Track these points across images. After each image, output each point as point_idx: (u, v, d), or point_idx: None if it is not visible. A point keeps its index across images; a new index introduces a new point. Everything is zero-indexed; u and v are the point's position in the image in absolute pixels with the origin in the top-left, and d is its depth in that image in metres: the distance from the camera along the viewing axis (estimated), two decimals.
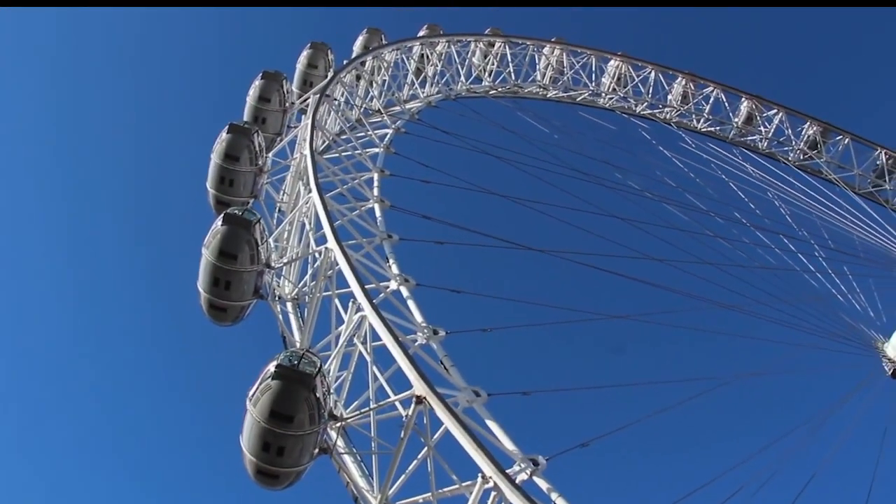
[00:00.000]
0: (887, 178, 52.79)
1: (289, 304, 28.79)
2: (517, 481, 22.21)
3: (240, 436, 21.74)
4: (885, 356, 38.48)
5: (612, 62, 53.94)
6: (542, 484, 23.01)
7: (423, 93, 44.93)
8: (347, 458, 24.49)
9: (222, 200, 30.54)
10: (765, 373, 37.17)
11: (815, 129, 53.64)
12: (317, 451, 22.59)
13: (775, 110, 54.27)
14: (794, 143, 53.89)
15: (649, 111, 54.24)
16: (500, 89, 49.99)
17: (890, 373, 38.48)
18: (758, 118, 54.29)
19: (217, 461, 77.09)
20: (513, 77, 50.90)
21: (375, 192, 33.19)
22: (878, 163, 53.27)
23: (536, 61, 52.57)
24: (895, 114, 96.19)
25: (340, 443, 24.15)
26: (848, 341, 37.91)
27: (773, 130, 54.26)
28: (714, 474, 30.82)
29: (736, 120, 54.30)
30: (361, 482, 23.95)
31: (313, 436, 21.90)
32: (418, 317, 27.66)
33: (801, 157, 53.69)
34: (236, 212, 26.86)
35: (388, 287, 28.22)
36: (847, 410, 35.59)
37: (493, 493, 20.96)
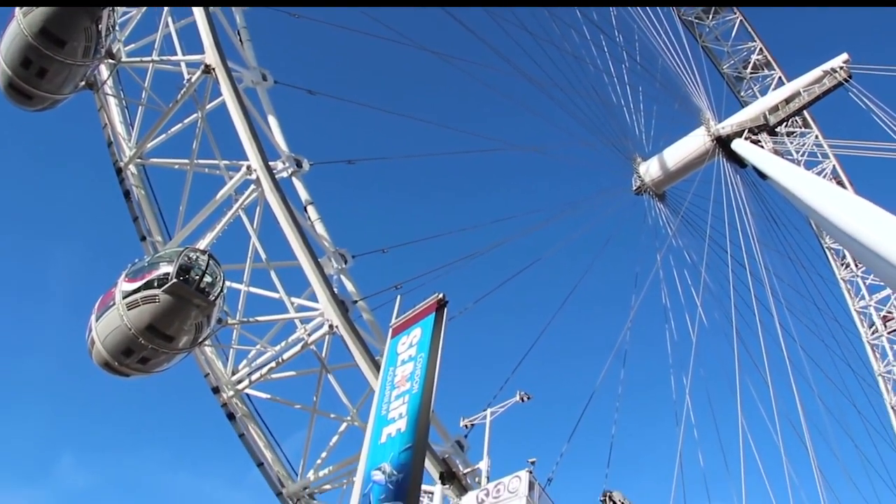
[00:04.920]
0: (710, 16, 54.09)
1: None
2: (278, 177, 22.36)
3: None
4: (637, 173, 41.43)
5: None
6: (301, 190, 23.30)
7: None
8: (112, 101, 23.27)
9: None
10: (538, 150, 39.17)
11: None
12: (82, 83, 21.11)
13: None
14: None
15: None
16: None
17: (634, 189, 41.73)
18: None
19: None
20: None
21: None
22: None
23: None
24: None
25: (110, 83, 22.83)
26: (615, 150, 40.22)
27: None
28: (460, 225, 32.72)
29: None
30: (120, 128, 23.02)
31: (82, 69, 20.24)
32: None
33: None
34: None
35: None
36: (587, 211, 38.13)
37: (252, 186, 21.00)
